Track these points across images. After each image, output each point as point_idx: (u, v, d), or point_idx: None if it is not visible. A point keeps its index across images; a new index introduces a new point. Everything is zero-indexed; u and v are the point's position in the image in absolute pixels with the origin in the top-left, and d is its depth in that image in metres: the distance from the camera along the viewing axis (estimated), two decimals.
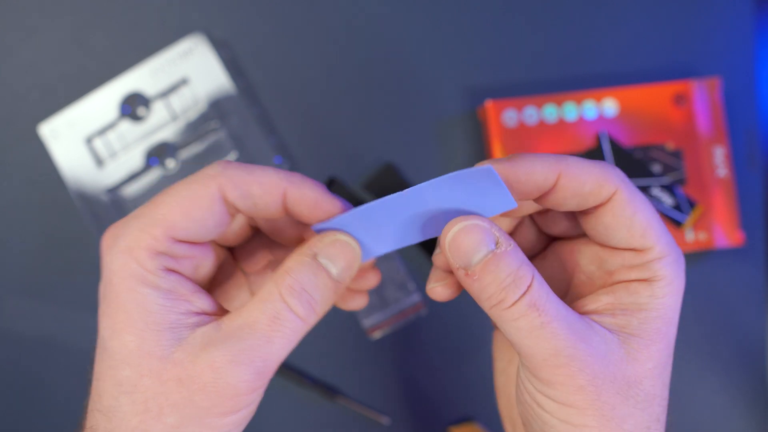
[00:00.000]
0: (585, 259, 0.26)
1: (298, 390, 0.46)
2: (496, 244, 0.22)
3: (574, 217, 0.26)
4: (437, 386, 0.46)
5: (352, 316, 0.46)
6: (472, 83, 0.47)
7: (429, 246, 0.46)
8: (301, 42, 0.47)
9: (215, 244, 0.27)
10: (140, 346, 0.22)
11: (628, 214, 0.23)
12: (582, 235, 0.27)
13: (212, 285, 0.28)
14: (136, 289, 0.22)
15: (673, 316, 0.24)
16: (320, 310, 0.23)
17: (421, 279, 0.46)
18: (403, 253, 0.46)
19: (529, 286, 0.22)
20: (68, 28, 0.47)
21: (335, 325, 0.46)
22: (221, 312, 0.24)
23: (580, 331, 0.22)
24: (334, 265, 0.23)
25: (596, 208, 0.23)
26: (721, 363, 0.47)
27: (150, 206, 0.23)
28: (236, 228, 0.28)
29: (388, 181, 0.46)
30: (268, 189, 0.23)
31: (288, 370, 0.45)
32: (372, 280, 0.29)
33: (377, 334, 0.45)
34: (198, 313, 0.23)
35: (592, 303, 0.24)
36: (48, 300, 0.46)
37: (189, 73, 0.45)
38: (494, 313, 0.22)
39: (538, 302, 0.22)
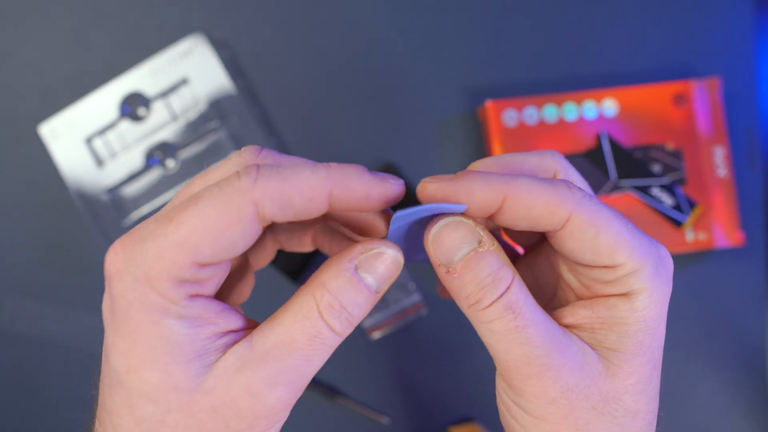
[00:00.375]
0: (563, 267, 0.25)
1: None
2: (479, 242, 0.22)
3: None
4: (437, 386, 0.46)
5: None
6: (472, 83, 0.47)
7: None
8: (301, 42, 0.47)
9: None
10: (165, 381, 0.20)
11: (589, 237, 0.22)
12: None
13: None
14: (159, 322, 0.20)
15: (657, 327, 0.23)
16: (356, 323, 0.22)
17: (421, 279, 0.46)
18: None
19: (507, 288, 0.21)
20: (68, 28, 0.47)
21: None
22: (249, 324, 0.22)
23: (557, 340, 0.22)
24: (375, 278, 0.22)
25: (555, 232, 0.22)
26: (721, 363, 0.47)
27: (168, 224, 0.19)
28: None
29: None
30: (310, 196, 0.20)
31: None
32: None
33: (377, 334, 0.45)
34: (225, 333, 0.21)
35: (570, 316, 0.23)
36: (48, 300, 0.46)
37: (189, 73, 0.45)
38: (471, 314, 0.22)
39: (515, 305, 0.21)
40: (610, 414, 0.22)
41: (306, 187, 0.20)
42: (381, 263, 0.22)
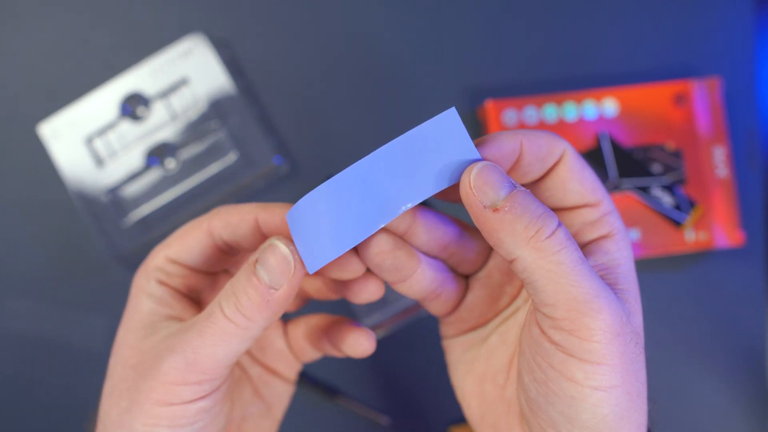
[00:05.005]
0: None
1: (298, 390, 0.46)
2: (515, 185, 0.22)
3: None
4: (437, 386, 0.46)
5: (352, 316, 0.46)
6: (472, 83, 0.47)
7: None
8: (301, 42, 0.47)
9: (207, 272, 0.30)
10: (124, 338, 0.26)
11: (578, 169, 0.25)
12: None
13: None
14: (137, 295, 0.27)
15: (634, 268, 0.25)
16: (248, 313, 0.24)
17: None
18: None
19: (560, 222, 0.22)
20: (68, 28, 0.47)
21: None
22: None
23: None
24: (266, 270, 0.24)
25: (552, 168, 0.25)
26: (721, 363, 0.47)
27: None
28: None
29: None
30: (244, 216, 0.26)
31: None
32: (366, 292, 0.28)
33: (377, 334, 0.45)
34: (176, 317, 0.27)
35: None
36: (48, 300, 0.46)
37: (189, 73, 0.45)
38: (532, 248, 0.21)
39: (572, 237, 0.22)
40: (642, 351, 0.23)
41: (243, 209, 0.27)
42: (271, 254, 0.24)
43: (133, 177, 0.45)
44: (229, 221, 0.27)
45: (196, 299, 0.29)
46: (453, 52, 0.47)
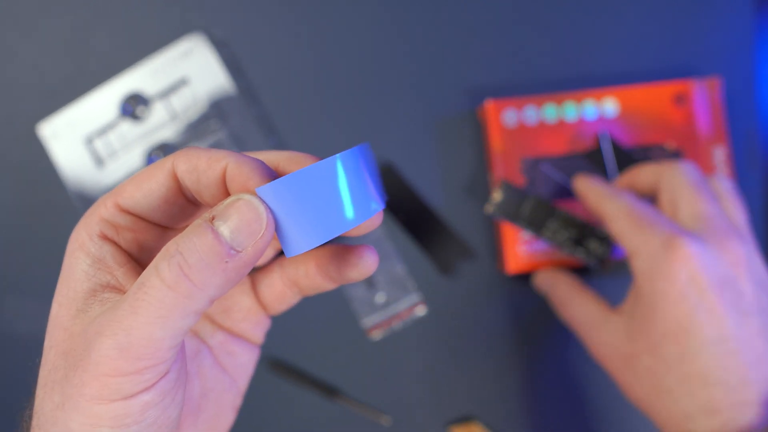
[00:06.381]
0: None
1: (298, 390, 0.46)
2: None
3: None
4: (437, 386, 0.46)
5: (352, 316, 0.46)
6: (472, 83, 0.47)
7: (427, 241, 0.46)
8: (301, 42, 0.47)
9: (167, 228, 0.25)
10: (56, 313, 0.22)
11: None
12: None
13: None
14: (72, 254, 0.23)
15: (660, 299, 0.31)
16: (197, 278, 0.19)
17: (421, 279, 0.46)
18: (403, 253, 0.46)
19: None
20: (68, 28, 0.47)
21: (335, 325, 0.46)
22: None
23: (596, 322, 0.36)
24: (228, 227, 0.20)
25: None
26: None
27: None
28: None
29: (388, 181, 0.46)
30: (212, 163, 0.21)
31: (288, 370, 0.45)
32: (359, 268, 0.24)
33: (377, 334, 0.45)
34: (116, 288, 0.22)
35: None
36: (48, 300, 0.46)
37: (189, 73, 0.45)
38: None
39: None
40: (632, 369, 0.32)
41: (212, 155, 0.22)
42: (237, 210, 0.20)
43: None
44: (196, 165, 0.21)
45: (145, 263, 0.24)
46: (453, 52, 0.47)
